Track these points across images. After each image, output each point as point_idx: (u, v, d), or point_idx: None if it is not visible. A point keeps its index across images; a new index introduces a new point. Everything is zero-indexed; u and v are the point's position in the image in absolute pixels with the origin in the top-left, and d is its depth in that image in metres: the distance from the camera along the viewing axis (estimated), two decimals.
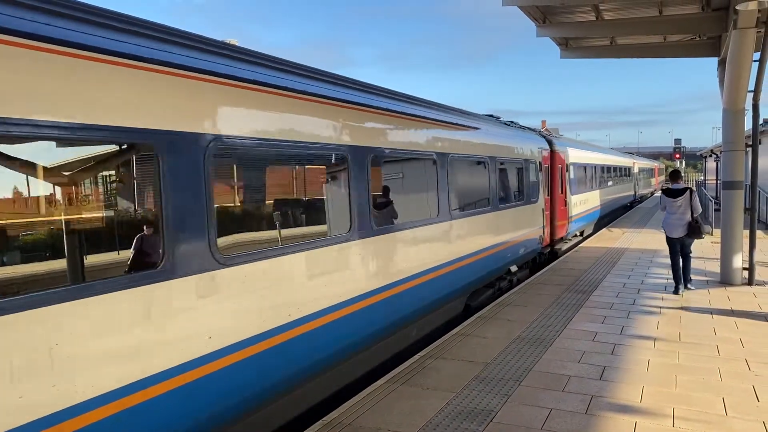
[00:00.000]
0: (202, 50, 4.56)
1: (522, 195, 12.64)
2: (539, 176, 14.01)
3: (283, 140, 5.19)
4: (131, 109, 3.79)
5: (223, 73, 4.62)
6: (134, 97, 3.82)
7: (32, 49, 3.25)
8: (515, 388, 6.03)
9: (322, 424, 5.29)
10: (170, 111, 4.08)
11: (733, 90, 10.77)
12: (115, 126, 3.67)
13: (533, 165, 13.49)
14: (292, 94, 5.37)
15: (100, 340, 3.53)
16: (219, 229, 4.44)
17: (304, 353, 5.40)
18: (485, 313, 9.20)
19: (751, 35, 9.68)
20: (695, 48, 15.28)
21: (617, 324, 8.45)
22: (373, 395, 5.93)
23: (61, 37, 3.42)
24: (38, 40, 3.28)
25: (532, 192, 13.36)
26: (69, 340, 3.36)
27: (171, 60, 4.15)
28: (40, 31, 3.32)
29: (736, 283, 11.10)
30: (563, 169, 16.61)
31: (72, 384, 3.37)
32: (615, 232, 20.78)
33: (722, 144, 11.62)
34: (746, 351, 7.17)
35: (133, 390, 3.69)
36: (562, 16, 13.59)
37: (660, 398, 5.73)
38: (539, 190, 13.94)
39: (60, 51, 3.38)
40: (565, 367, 6.65)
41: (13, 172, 3.44)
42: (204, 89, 4.39)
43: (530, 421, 5.27)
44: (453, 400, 5.77)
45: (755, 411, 5.42)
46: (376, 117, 6.88)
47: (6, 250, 3.42)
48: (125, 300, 3.68)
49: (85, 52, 3.52)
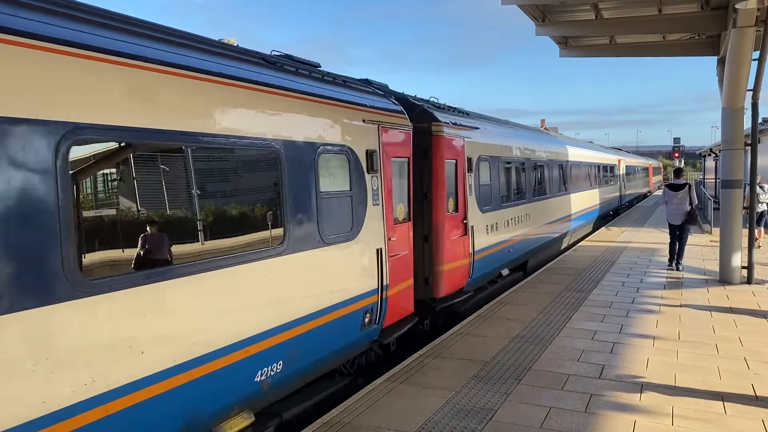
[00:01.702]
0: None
1: (285, 232, 5.42)
2: (368, 181, 6.69)
3: None
4: None
5: None
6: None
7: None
8: (514, 387, 6.04)
9: (321, 422, 5.30)
10: None
11: (732, 89, 10.77)
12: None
13: (344, 157, 6.33)
14: None
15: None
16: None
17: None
18: (484, 312, 9.20)
19: (750, 34, 9.67)
20: (694, 47, 15.27)
21: (616, 323, 8.45)
22: (373, 394, 5.93)
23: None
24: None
25: (336, 221, 6.09)
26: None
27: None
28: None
29: (735, 282, 11.11)
30: (460, 166, 9.24)
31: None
32: (614, 230, 20.78)
33: (721, 143, 11.63)
34: (745, 349, 7.17)
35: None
36: (561, 14, 13.59)
37: (659, 397, 5.74)
38: (364, 212, 6.59)
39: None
40: (565, 366, 6.65)
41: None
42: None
43: (529, 419, 5.27)
44: (452, 398, 5.77)
45: (755, 410, 5.42)
46: None
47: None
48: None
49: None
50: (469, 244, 9.44)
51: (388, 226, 6.94)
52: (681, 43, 15.38)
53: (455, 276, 9.01)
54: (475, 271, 9.67)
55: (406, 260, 7.46)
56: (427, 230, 8.55)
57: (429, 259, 8.54)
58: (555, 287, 11.02)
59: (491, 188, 10.69)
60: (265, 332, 4.89)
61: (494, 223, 10.72)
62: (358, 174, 6.38)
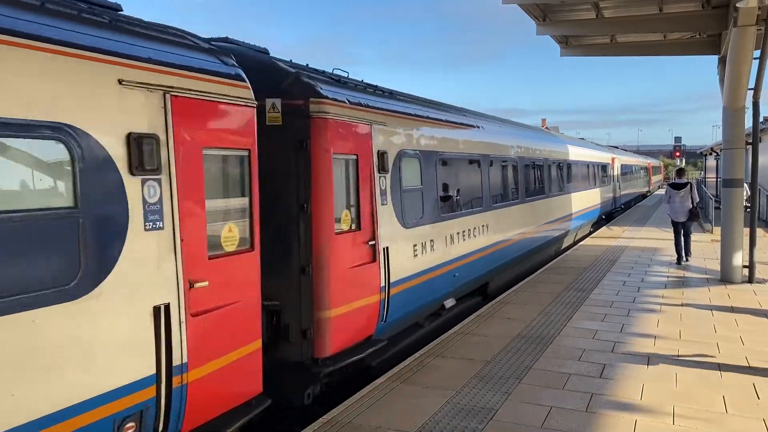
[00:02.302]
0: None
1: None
2: (130, 189, 3.91)
3: None
4: None
5: None
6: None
7: None
8: (515, 386, 6.03)
9: (322, 422, 5.29)
10: None
11: (733, 88, 10.76)
12: None
13: (58, 146, 3.56)
14: None
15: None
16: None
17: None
18: (485, 312, 9.20)
19: (751, 33, 9.67)
20: (695, 46, 15.25)
21: (617, 322, 8.44)
22: (373, 394, 5.93)
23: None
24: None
25: (21, 264, 3.29)
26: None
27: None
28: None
29: (736, 281, 11.09)
30: (363, 165, 6.77)
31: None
32: (615, 230, 20.77)
33: (722, 142, 11.62)
34: (746, 349, 7.16)
35: None
36: (561, 14, 13.57)
37: (660, 396, 5.73)
38: (119, 244, 3.82)
39: None
40: (566, 365, 6.65)
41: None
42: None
43: (530, 419, 5.27)
44: (453, 398, 5.77)
45: (755, 409, 5.42)
46: None
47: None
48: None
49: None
50: (380, 274, 6.82)
51: (191, 264, 4.27)
52: (682, 43, 15.36)
53: (354, 322, 6.42)
54: (392, 311, 7.04)
55: (241, 314, 4.77)
56: (304, 260, 5.98)
57: (308, 301, 5.98)
58: (556, 286, 11.01)
59: (423, 194, 8.07)
60: None
61: (427, 241, 8.06)
62: (104, 177, 3.69)
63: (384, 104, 7.41)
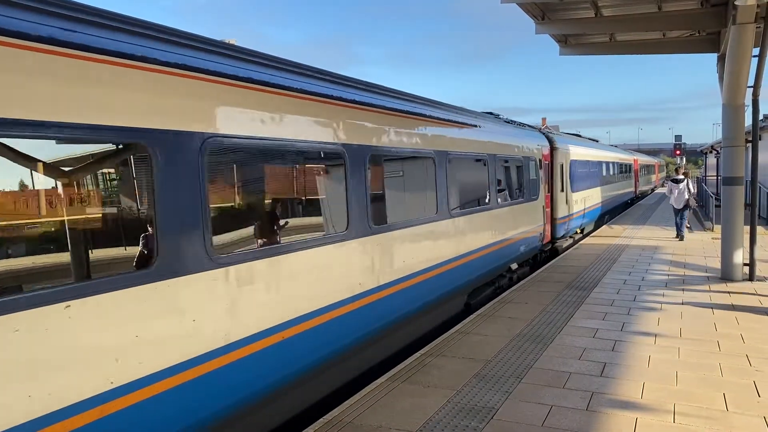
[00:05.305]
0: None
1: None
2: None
3: None
4: None
5: None
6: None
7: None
8: (516, 386, 6.03)
9: (323, 422, 5.29)
10: None
11: (732, 85, 10.75)
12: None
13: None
14: None
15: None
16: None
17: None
18: (485, 311, 9.20)
19: (750, 30, 9.65)
20: (695, 44, 15.23)
21: (618, 321, 8.44)
22: (374, 393, 5.93)
23: None
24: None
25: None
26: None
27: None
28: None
29: (736, 279, 11.09)
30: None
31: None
32: (615, 228, 20.76)
33: (722, 140, 11.60)
34: (747, 347, 7.16)
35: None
36: (561, 12, 13.56)
37: (661, 394, 5.73)
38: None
39: None
40: (566, 364, 6.65)
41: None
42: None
43: (531, 418, 5.27)
44: (454, 397, 5.77)
45: (756, 406, 5.42)
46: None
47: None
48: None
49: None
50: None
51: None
52: (681, 41, 15.35)
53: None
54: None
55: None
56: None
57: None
58: (556, 285, 11.01)
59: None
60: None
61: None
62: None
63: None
